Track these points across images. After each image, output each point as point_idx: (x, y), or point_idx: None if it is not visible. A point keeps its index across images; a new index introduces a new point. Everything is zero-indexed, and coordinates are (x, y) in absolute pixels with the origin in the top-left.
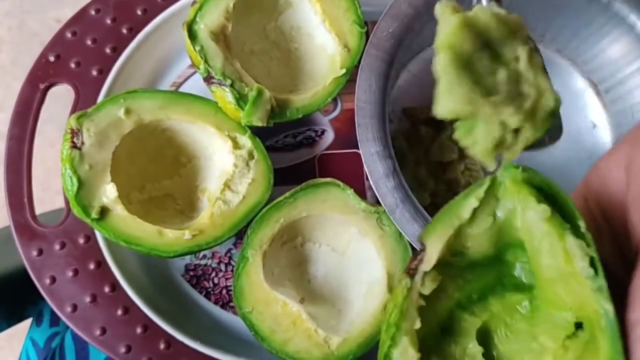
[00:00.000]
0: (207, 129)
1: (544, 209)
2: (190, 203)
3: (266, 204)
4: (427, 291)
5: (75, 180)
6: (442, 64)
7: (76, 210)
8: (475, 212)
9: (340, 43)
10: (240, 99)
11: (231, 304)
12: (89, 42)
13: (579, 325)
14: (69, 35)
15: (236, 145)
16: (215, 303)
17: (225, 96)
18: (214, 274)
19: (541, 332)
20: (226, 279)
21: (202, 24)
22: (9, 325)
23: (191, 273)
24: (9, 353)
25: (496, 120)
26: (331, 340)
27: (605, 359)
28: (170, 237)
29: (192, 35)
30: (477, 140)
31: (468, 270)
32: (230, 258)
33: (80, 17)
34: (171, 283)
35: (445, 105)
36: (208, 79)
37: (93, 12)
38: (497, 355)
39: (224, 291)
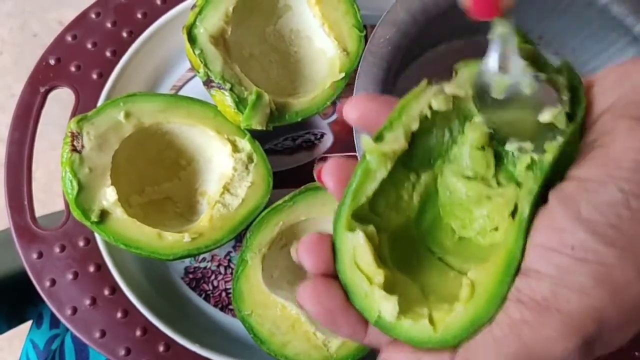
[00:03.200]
0: (207, 133)
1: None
2: (190, 206)
3: (265, 207)
4: (435, 106)
5: (75, 183)
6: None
7: (76, 214)
8: None
9: (340, 47)
10: (240, 102)
11: (230, 306)
12: (89, 46)
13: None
14: (69, 38)
15: (235, 149)
16: (215, 306)
17: (224, 100)
18: (213, 277)
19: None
20: (225, 281)
21: (201, 27)
22: (10, 327)
23: (190, 276)
24: (10, 355)
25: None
26: (330, 343)
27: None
28: (170, 240)
29: (192, 39)
30: None
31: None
32: (229, 261)
33: (80, 20)
34: (171, 286)
35: None
36: (207, 83)
37: (93, 16)
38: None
39: (224, 294)
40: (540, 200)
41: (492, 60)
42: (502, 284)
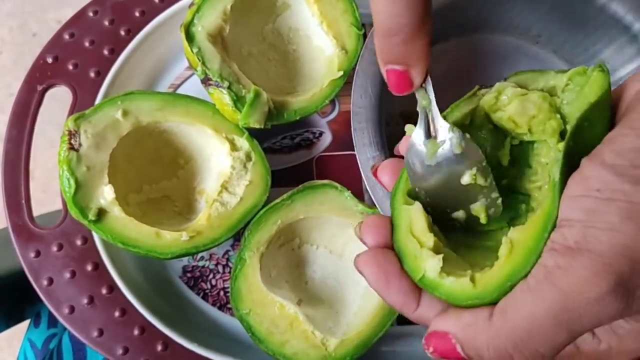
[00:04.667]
0: (205, 131)
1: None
2: (188, 205)
3: (264, 206)
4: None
5: (72, 182)
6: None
7: (73, 212)
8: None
9: (338, 45)
10: (238, 100)
11: (228, 305)
12: (87, 44)
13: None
14: (67, 37)
15: (234, 147)
16: (213, 305)
17: (222, 98)
18: (211, 276)
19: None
20: (224, 280)
21: (199, 26)
22: (8, 327)
23: (189, 275)
24: (9, 354)
25: None
26: (328, 341)
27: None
28: (168, 239)
29: (190, 37)
30: None
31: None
32: (227, 260)
33: (78, 18)
34: (168, 285)
35: None
36: (205, 81)
37: (91, 14)
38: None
39: (222, 293)
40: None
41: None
42: (538, 240)
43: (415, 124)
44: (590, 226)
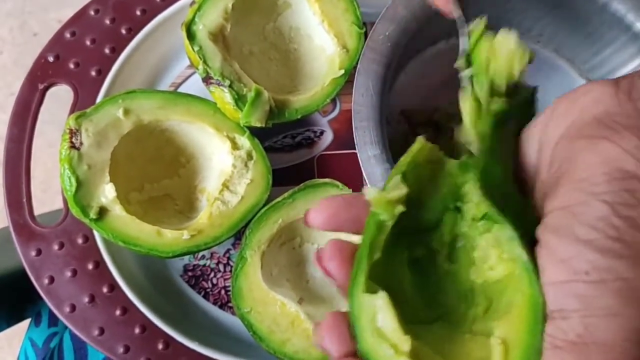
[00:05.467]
0: (206, 130)
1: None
2: (189, 203)
3: (265, 205)
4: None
5: (73, 180)
6: None
7: (74, 211)
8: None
9: (339, 44)
10: (239, 99)
11: (230, 304)
12: (88, 43)
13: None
14: (68, 35)
15: (235, 146)
16: (214, 303)
17: (223, 97)
18: (212, 275)
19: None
20: (225, 279)
21: (200, 24)
22: (9, 325)
23: (190, 273)
24: (9, 353)
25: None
26: None
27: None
28: (169, 238)
29: (191, 36)
30: None
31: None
32: (228, 258)
33: (79, 17)
34: (170, 283)
35: None
36: (207, 80)
37: (92, 13)
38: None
39: (223, 291)
40: (530, 244)
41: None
42: (534, 334)
43: (415, 123)
44: (589, 315)
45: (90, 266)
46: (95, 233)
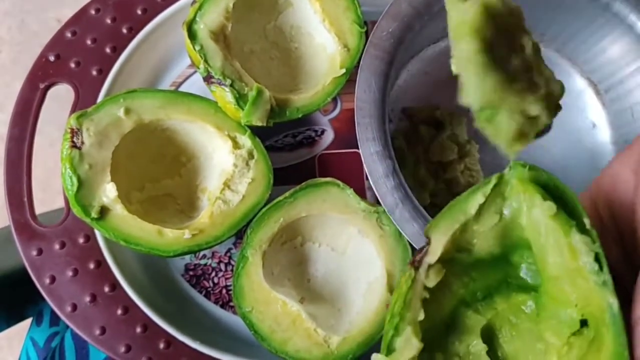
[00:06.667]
0: (207, 129)
1: (550, 205)
2: (190, 202)
3: (266, 204)
4: (431, 284)
5: (75, 179)
6: (467, 52)
7: (76, 210)
8: (481, 208)
9: (340, 43)
10: (240, 98)
11: (231, 303)
12: (88, 42)
13: (584, 323)
14: (68, 35)
15: (236, 145)
16: (215, 303)
17: (225, 96)
18: (213, 274)
19: (546, 330)
20: (226, 278)
21: (201, 23)
22: (9, 325)
23: (191, 273)
24: (9, 353)
25: (519, 108)
26: (331, 339)
27: (609, 353)
28: (170, 237)
29: (192, 35)
30: (501, 129)
31: (474, 268)
32: (230, 258)
33: (80, 16)
34: (171, 283)
35: (476, 94)
36: (208, 79)
37: (93, 12)
38: (502, 355)
39: (224, 291)
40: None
41: None
42: None
43: (416, 121)
44: None
45: (91, 265)
46: (97, 232)
